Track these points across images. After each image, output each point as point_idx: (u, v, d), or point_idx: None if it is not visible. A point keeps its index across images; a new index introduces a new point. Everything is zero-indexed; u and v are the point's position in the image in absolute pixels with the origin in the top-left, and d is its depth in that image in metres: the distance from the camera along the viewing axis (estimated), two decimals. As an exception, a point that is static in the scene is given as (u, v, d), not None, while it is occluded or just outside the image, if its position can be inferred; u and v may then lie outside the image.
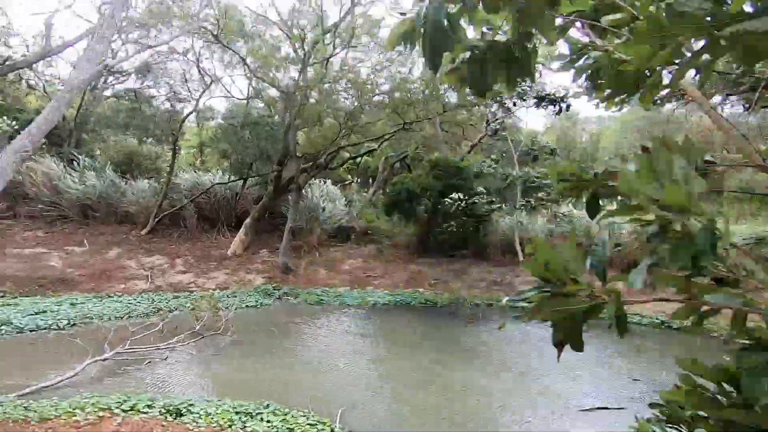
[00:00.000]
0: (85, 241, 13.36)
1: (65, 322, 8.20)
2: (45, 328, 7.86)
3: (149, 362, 6.15)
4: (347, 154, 18.64)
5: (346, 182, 24.03)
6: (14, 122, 16.68)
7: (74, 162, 15.19)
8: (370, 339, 8.14)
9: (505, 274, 13.85)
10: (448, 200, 12.64)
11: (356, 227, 17.46)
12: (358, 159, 21.24)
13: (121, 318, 8.84)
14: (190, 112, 14.49)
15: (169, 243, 14.57)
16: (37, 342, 7.17)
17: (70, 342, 7.09)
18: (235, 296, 11.21)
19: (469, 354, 7.32)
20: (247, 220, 15.29)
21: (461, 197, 12.53)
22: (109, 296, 10.55)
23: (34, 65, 17.92)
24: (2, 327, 7.54)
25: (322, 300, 11.65)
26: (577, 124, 36.93)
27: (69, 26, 45.09)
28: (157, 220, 14.62)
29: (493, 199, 13.41)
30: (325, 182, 18.02)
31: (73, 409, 4.05)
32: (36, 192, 13.95)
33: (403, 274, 14.44)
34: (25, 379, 5.51)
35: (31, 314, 8.43)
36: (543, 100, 13.68)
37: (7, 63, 15.83)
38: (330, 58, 11.59)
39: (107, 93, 20.83)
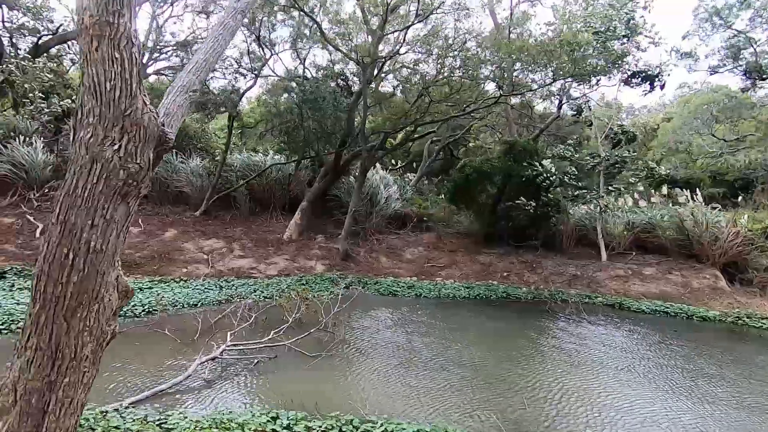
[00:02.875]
0: (140, 222, 12.73)
1: (140, 309, 7.49)
2: (120, 315, 7.15)
3: (258, 362, 5.30)
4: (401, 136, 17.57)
5: (393, 167, 23.01)
6: (59, 99, 16.19)
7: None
8: (475, 337, 7.19)
9: (584, 267, 12.70)
10: (531, 172, 11.39)
11: (411, 214, 16.55)
12: (408, 143, 20.24)
13: (196, 306, 8.09)
14: (249, 87, 13.60)
15: (223, 225, 13.86)
16: (119, 333, 6.44)
17: (156, 333, 6.35)
18: (303, 284, 10.42)
19: (587, 356, 6.33)
20: (303, 204, 14.45)
21: (548, 173, 11.28)
22: (175, 281, 9.84)
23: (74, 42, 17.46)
24: (78, 313, 6.85)
25: (394, 291, 10.75)
26: (620, 112, 35.04)
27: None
28: (211, 201, 13.90)
29: (579, 183, 12.14)
30: (376, 166, 17.05)
31: (219, 430, 3.21)
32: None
33: (471, 265, 13.43)
34: (127, 378, 4.76)
35: (103, 299, 7.75)
36: (635, 76, 12.29)
37: (55, 35, 15.24)
38: (410, 26, 10.50)
39: (149, 70, 20.25)
